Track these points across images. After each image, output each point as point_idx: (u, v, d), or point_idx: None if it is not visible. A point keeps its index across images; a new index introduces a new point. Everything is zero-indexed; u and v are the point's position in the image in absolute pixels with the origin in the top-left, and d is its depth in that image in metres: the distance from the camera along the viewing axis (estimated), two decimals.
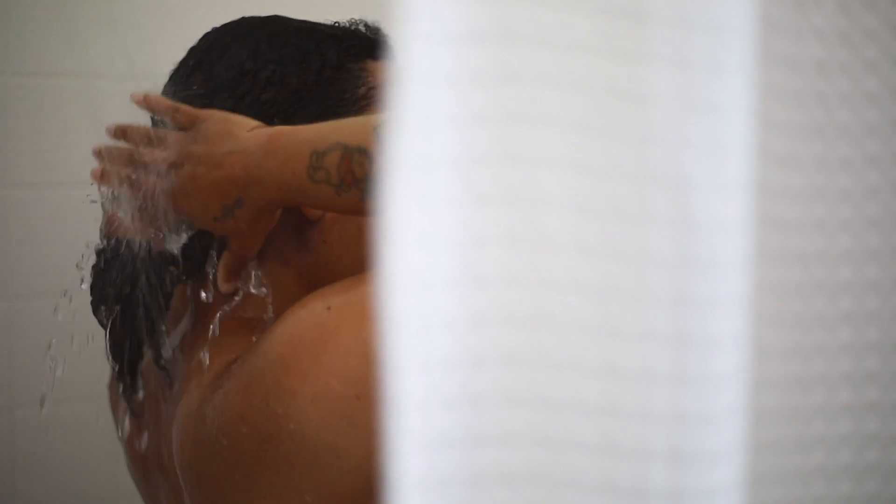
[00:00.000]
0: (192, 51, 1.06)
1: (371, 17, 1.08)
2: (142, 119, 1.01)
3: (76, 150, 1.50)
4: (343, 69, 1.02)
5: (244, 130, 0.94)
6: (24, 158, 1.49)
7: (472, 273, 0.48)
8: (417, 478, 0.47)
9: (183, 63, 1.06)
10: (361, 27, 1.08)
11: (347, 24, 1.08)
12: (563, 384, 0.49)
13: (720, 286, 0.50)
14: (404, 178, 0.46)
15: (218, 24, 1.07)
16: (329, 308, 0.89)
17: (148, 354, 1.03)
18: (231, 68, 1.01)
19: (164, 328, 1.01)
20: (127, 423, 1.08)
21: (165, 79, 1.06)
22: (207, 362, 0.98)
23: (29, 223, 1.50)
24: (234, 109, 0.98)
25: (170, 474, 1.01)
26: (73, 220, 1.52)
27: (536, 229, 0.48)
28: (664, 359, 0.49)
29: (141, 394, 1.04)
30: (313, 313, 0.90)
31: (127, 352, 1.02)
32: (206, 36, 1.07)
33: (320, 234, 1.01)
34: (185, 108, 0.97)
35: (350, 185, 0.89)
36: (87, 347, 1.53)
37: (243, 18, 1.07)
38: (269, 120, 0.98)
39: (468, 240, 0.48)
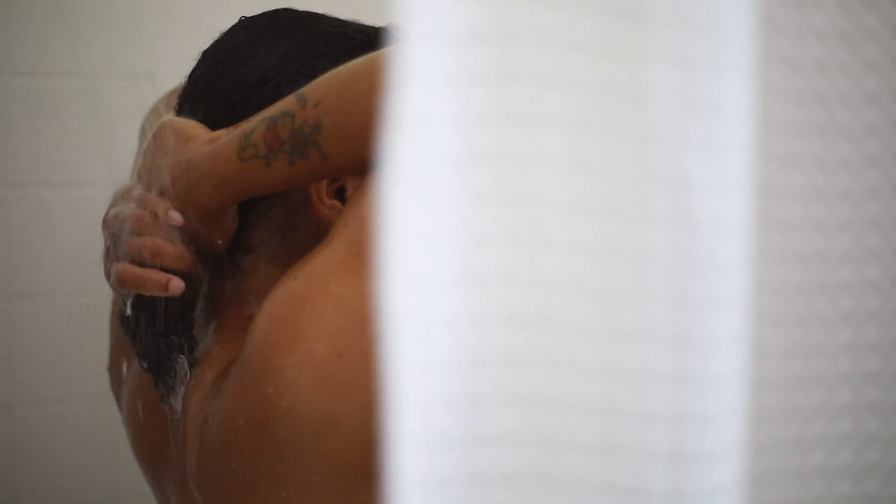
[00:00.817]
0: (218, 45, 1.03)
1: (371, 17, 1.07)
2: (141, 119, 1.01)
3: (76, 150, 1.51)
4: None
5: (190, 143, 0.94)
6: (24, 158, 1.49)
7: (472, 273, 0.48)
8: (417, 478, 0.47)
9: (208, 56, 1.03)
10: (390, 31, 1.04)
11: (377, 29, 1.03)
12: (563, 384, 0.49)
13: (720, 286, 0.50)
14: (404, 178, 0.46)
15: (218, 24, 1.06)
16: (295, 279, 0.89)
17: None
18: (254, 73, 0.98)
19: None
20: (135, 405, 1.08)
21: (164, 79, 1.04)
22: (209, 366, 0.98)
23: (29, 223, 1.50)
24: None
25: (181, 475, 1.01)
26: (73, 220, 1.52)
27: (536, 229, 0.48)
28: (664, 359, 0.49)
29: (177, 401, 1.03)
30: (284, 288, 0.90)
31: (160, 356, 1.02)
32: (236, 31, 1.03)
33: None
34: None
35: (277, 151, 0.89)
36: (88, 347, 1.53)
37: (277, 14, 1.03)
38: None
39: (468, 240, 0.48)
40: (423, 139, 0.46)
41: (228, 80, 0.99)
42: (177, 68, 1.06)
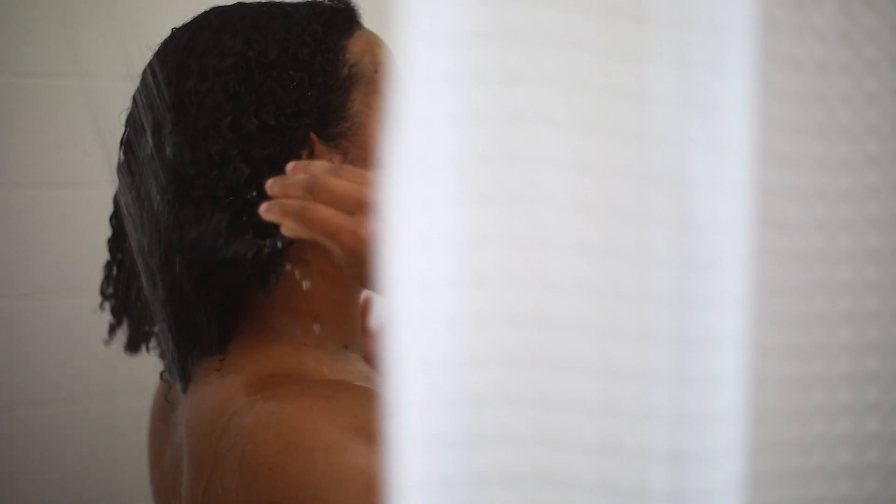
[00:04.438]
0: (175, 52, 1.01)
1: (371, 17, 1.07)
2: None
3: (76, 150, 1.51)
4: (332, 49, 0.99)
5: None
6: (24, 158, 1.49)
7: (472, 273, 0.48)
8: (417, 478, 0.47)
9: (171, 66, 1.01)
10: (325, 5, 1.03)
11: (312, 2, 1.03)
12: (563, 384, 0.49)
13: (720, 286, 0.50)
14: (404, 178, 0.46)
15: None
16: (345, 450, 0.85)
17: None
18: (229, 57, 0.97)
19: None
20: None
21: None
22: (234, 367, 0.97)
23: (29, 223, 1.50)
24: (253, 97, 0.95)
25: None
26: (73, 220, 1.52)
27: (536, 229, 0.48)
28: (664, 359, 0.49)
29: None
30: (320, 436, 0.86)
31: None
32: (198, 36, 1.01)
33: None
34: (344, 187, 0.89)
35: None
36: (88, 347, 1.53)
37: (211, 11, 1.02)
38: (301, 98, 0.96)
39: (468, 240, 0.48)
40: (423, 139, 0.46)
41: (203, 74, 0.96)
42: None
